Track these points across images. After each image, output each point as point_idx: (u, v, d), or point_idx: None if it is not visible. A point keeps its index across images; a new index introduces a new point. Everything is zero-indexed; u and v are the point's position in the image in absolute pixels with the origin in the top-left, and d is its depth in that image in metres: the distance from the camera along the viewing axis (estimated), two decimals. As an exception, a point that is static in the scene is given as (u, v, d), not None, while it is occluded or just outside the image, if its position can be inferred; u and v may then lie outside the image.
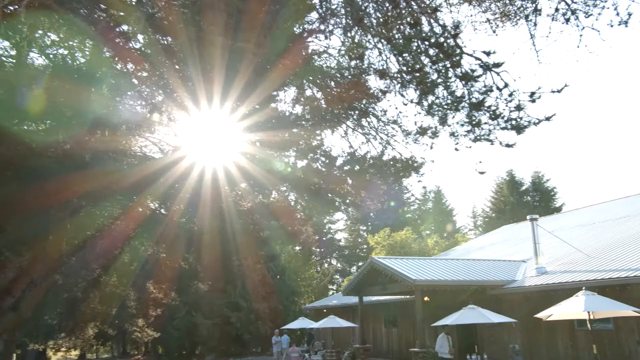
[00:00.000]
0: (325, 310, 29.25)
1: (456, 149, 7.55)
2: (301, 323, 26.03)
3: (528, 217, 19.41)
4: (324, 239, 64.67)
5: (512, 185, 60.56)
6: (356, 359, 20.08)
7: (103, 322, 17.99)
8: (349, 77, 7.89)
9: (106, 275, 13.33)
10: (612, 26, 6.36)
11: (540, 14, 6.61)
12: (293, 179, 10.27)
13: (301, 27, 8.14)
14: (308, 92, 9.83)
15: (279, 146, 11.87)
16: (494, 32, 6.92)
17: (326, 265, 58.96)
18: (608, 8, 6.38)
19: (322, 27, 7.44)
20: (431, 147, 8.10)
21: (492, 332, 17.74)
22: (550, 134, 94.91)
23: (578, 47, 6.41)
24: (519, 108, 6.96)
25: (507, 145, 7.36)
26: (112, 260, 12.63)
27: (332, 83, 8.32)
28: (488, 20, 7.13)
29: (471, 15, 7.14)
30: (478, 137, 7.45)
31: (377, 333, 25.74)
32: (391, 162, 9.52)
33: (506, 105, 7.06)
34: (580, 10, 6.41)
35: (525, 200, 59.28)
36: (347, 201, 10.78)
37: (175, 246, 11.58)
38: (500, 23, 6.97)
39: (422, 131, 7.68)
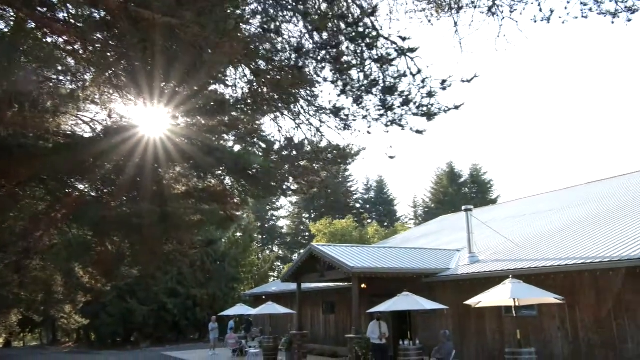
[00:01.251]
0: (264, 297, 29.22)
1: (368, 132, 7.59)
2: (239, 309, 25.89)
3: (463, 207, 19.99)
4: (267, 225, 64.49)
5: (452, 177, 62.50)
6: (293, 345, 20.12)
7: (28, 309, 17.10)
8: (286, 61, 7.76)
9: (29, 259, 12.63)
10: (535, 22, 6.55)
11: (472, 8, 6.75)
12: (230, 163, 10.07)
13: (240, 9, 7.91)
14: (247, 76, 9.59)
15: (217, 129, 11.58)
16: (429, 21, 6.97)
17: (268, 252, 58.83)
18: (532, 3, 6.57)
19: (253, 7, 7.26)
20: (347, 126, 8.06)
21: (426, 318, 18.24)
22: (489, 128, 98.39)
23: (498, 36, 6.55)
24: (430, 95, 7.07)
25: (417, 132, 7.46)
26: (35, 244, 11.98)
27: (269, 67, 8.15)
28: (422, 9, 7.17)
29: (399, 4, 7.17)
30: (390, 122, 7.51)
31: (315, 319, 25.95)
32: (328, 149, 9.50)
33: (418, 91, 7.16)
34: (506, 5, 6.55)
35: (464, 192, 61.40)
36: (284, 187, 10.70)
37: (106, 229, 11.12)
38: (435, 13, 7.02)
39: (336, 111, 7.65)
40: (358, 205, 65.90)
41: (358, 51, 7.04)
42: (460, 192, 60.65)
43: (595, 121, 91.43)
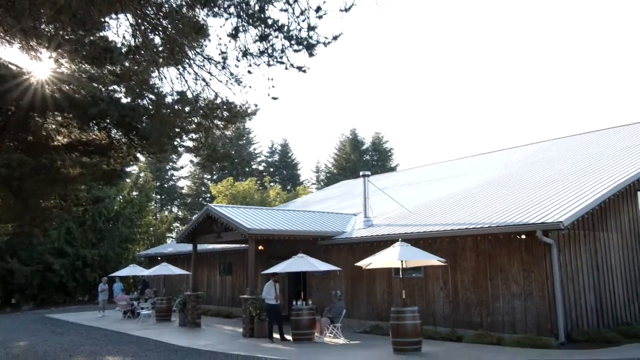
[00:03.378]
0: (159, 258, 28.45)
1: (249, 72, 7.33)
2: (131, 270, 25.04)
3: (361, 173, 20.48)
4: (166, 185, 62.40)
5: (354, 144, 63.95)
6: (187, 306, 19.82)
7: None
8: (177, 8, 7.21)
9: None
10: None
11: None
12: (116, 116, 9.39)
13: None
14: (135, 24, 8.86)
15: (106, 79, 10.76)
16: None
17: (166, 212, 57.14)
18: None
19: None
20: (238, 80, 7.75)
21: (320, 280, 18.69)
22: (392, 98, 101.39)
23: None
24: (310, 28, 6.90)
25: (300, 69, 7.29)
26: None
27: (160, 14, 7.56)
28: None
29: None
30: (272, 60, 7.26)
31: (211, 281, 25.75)
32: (223, 106, 9.11)
33: (299, 25, 6.96)
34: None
35: (365, 159, 63.18)
36: (176, 143, 10.21)
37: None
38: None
39: (223, 60, 7.29)
40: (261, 168, 65.63)
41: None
42: (362, 159, 62.35)
43: (494, 92, 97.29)
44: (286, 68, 7.20)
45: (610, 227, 14.52)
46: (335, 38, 6.83)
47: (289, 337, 14.98)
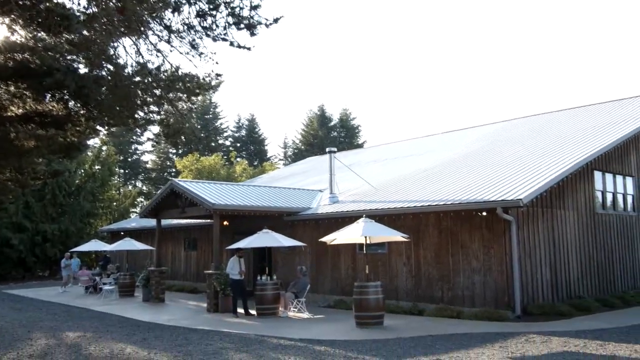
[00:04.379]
0: (122, 233, 28.01)
1: (193, 47, 7.19)
2: (93, 245, 24.61)
3: (327, 149, 20.47)
4: (130, 160, 61.13)
5: (322, 120, 63.85)
6: (150, 282, 19.63)
7: None
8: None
9: None
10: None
11: None
12: (73, 86, 9.04)
13: None
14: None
15: (62, 48, 10.32)
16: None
17: (130, 187, 56.10)
18: None
19: None
20: (202, 55, 7.58)
21: (285, 255, 18.76)
22: (360, 75, 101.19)
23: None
24: (253, 7, 6.83)
25: (242, 47, 7.21)
26: None
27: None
28: None
29: None
30: (216, 36, 7.16)
31: (176, 256, 25.55)
32: (187, 79, 8.88)
33: (242, 2, 6.87)
34: None
35: (333, 135, 63.24)
36: (137, 116, 9.92)
37: None
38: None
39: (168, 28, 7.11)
40: (228, 143, 64.93)
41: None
42: (330, 136, 62.40)
43: (463, 69, 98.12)
44: (231, 45, 7.05)
45: (567, 205, 14.98)
46: (276, 20, 6.74)
47: (253, 312, 15.04)
